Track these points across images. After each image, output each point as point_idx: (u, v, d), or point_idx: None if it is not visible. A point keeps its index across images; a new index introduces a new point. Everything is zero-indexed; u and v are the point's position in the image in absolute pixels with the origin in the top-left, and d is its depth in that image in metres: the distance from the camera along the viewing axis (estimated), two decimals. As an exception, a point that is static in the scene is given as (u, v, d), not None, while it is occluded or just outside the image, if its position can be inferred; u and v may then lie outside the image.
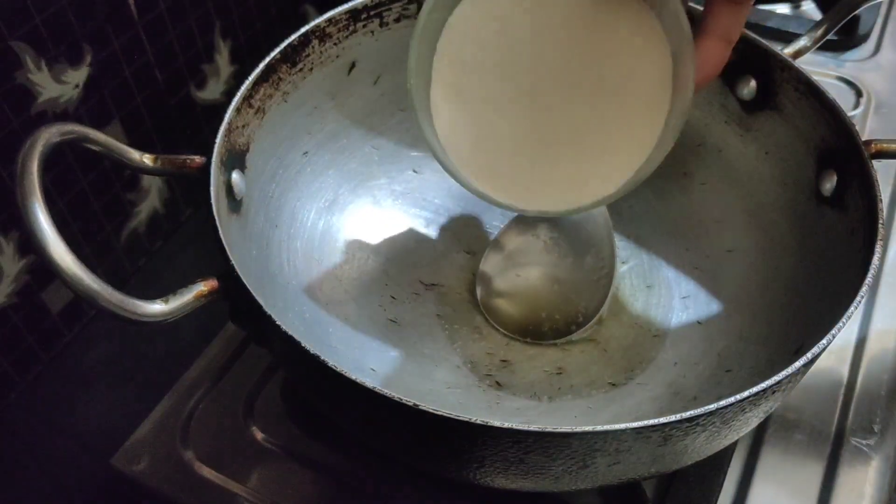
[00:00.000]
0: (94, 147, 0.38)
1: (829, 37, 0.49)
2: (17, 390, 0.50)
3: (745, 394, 0.33)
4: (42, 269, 0.48)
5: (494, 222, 0.54)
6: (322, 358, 0.33)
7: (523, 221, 0.49)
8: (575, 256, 0.49)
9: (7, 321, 0.48)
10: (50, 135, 0.34)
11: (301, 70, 0.47)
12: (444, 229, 0.54)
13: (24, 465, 0.48)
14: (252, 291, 0.35)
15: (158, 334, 0.51)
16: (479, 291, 0.49)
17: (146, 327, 0.33)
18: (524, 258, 0.49)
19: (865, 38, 0.71)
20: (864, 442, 0.47)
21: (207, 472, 0.46)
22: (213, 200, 0.38)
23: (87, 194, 0.51)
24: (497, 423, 0.31)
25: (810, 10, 0.74)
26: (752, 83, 0.49)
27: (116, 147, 0.38)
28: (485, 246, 0.52)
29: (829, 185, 0.44)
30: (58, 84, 0.46)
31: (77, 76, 0.47)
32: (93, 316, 0.54)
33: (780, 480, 0.45)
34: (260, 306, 0.34)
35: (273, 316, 0.34)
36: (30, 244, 0.31)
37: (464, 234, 0.54)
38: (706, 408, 0.32)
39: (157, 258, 0.58)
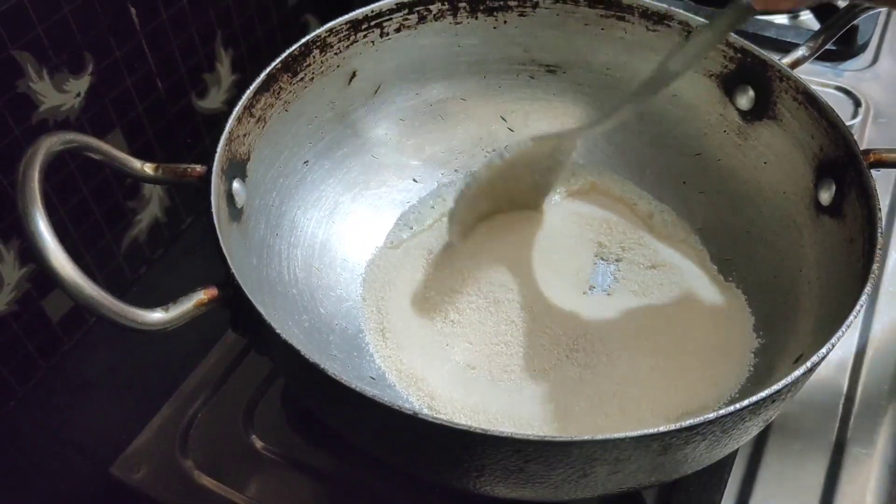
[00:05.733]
0: (95, 155, 0.38)
1: (827, 46, 0.50)
2: (17, 398, 0.50)
3: (745, 402, 0.32)
4: (43, 277, 0.48)
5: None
6: (322, 366, 0.33)
7: None
8: None
9: (7, 329, 0.48)
10: (51, 143, 0.34)
11: (302, 80, 0.47)
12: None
13: (23, 472, 0.48)
14: (252, 300, 0.35)
15: (158, 342, 0.51)
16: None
17: (146, 335, 0.33)
18: None
19: (864, 47, 0.71)
20: (864, 451, 0.47)
21: (207, 480, 0.46)
22: (213, 209, 0.38)
23: (88, 202, 0.51)
24: (496, 432, 0.31)
25: (808, 20, 0.74)
26: (751, 93, 0.49)
27: (117, 156, 0.39)
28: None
29: (828, 194, 0.44)
30: (59, 93, 0.46)
31: (79, 85, 0.47)
32: (93, 324, 0.54)
33: (781, 490, 0.45)
34: (260, 315, 0.34)
35: (273, 324, 0.34)
36: (30, 252, 0.31)
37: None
38: (706, 416, 0.32)
39: (158, 266, 0.58)
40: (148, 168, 0.39)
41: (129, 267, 0.56)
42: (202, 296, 0.35)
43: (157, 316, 0.33)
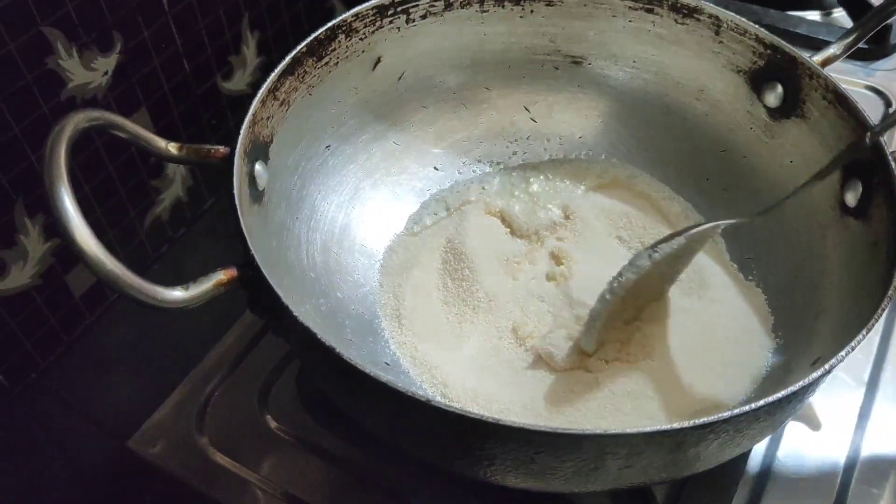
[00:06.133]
0: (120, 134, 0.38)
1: (859, 45, 0.49)
2: (38, 371, 0.51)
3: (760, 403, 0.32)
4: (66, 252, 0.49)
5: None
6: (337, 350, 0.33)
7: None
8: None
9: (31, 302, 0.49)
10: (78, 120, 0.35)
11: (327, 64, 0.47)
12: (464, 227, 0.54)
13: (41, 444, 0.49)
14: (271, 282, 0.35)
15: (177, 320, 0.52)
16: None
17: (166, 313, 0.34)
18: None
19: (897, 47, 0.70)
20: (880, 453, 0.46)
21: (221, 458, 0.46)
22: (235, 190, 0.38)
23: (112, 180, 0.51)
24: (508, 422, 0.31)
25: (841, 17, 0.73)
26: (779, 89, 0.48)
27: (143, 135, 0.39)
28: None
29: (854, 195, 0.44)
30: (87, 70, 0.47)
31: (107, 63, 0.48)
32: (114, 300, 0.54)
33: (794, 492, 0.45)
34: (278, 297, 0.35)
35: (290, 307, 0.34)
36: (55, 227, 0.32)
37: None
38: (720, 415, 0.32)
39: (179, 245, 0.59)
40: (172, 148, 0.40)
41: (151, 245, 0.57)
42: (221, 276, 0.35)
43: (176, 294, 0.34)
